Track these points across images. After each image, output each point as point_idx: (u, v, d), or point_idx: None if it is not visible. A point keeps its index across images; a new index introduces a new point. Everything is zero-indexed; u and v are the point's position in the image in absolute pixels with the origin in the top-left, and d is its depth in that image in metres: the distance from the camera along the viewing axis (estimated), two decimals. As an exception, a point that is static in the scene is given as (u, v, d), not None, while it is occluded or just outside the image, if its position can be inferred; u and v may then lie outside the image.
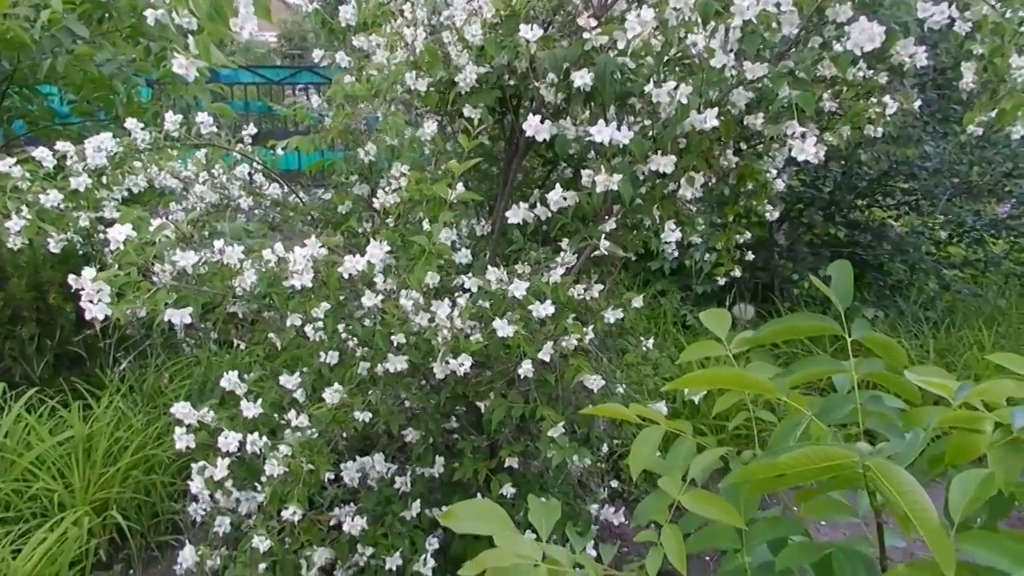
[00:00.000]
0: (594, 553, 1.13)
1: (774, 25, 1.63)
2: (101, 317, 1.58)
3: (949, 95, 4.49)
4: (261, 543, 1.86)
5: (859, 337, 1.14)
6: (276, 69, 9.41)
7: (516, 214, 1.94)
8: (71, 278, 1.61)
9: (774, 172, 2.48)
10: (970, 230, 5.01)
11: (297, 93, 8.09)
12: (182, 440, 1.97)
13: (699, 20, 1.73)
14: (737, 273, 2.69)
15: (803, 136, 1.66)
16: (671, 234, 1.98)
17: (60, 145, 2.10)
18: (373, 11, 2.21)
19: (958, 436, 1.00)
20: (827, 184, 4.94)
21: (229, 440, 1.89)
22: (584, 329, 1.95)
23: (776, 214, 2.64)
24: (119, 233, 1.60)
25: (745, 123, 1.85)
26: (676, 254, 2.61)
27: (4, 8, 2.95)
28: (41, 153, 2.08)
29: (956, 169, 4.75)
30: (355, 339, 1.98)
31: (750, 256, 2.75)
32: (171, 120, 2.23)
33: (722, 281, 2.77)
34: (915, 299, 4.67)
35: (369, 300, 1.87)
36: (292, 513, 1.83)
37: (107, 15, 3.70)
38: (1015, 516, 1.31)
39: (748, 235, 2.65)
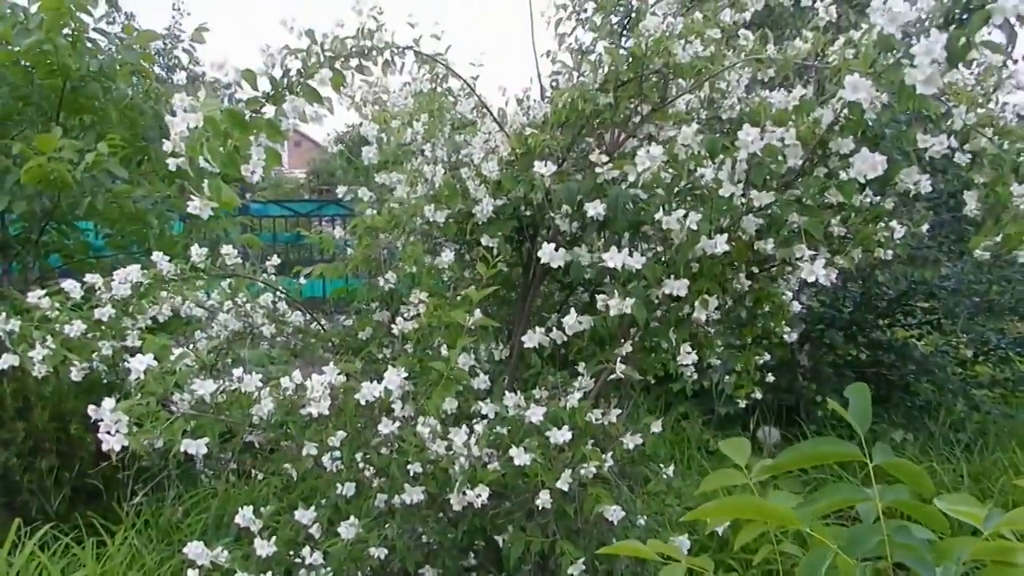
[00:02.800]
0: None
1: (780, 157, 1.69)
2: (118, 448, 1.59)
3: (963, 216, 4.54)
4: None
5: (881, 463, 1.12)
6: (304, 203, 9.79)
7: (532, 339, 1.96)
8: (91, 409, 1.62)
9: (790, 294, 2.49)
10: (995, 348, 4.94)
11: (323, 224, 8.37)
12: (194, 585, 1.91)
13: (707, 154, 1.80)
14: (759, 395, 2.66)
15: (812, 259, 1.69)
16: (687, 357, 1.98)
17: (89, 277, 2.18)
18: (394, 151, 2.32)
19: (992, 570, 0.96)
20: (847, 304, 4.94)
21: (243, 583, 1.84)
22: (603, 456, 1.91)
23: (794, 335, 2.64)
24: (140, 363, 1.63)
25: (756, 248, 1.89)
26: (695, 376, 2.59)
27: (50, 150, 3.14)
28: (69, 286, 2.15)
29: (975, 288, 4.74)
30: (372, 469, 1.96)
31: (772, 378, 2.72)
32: (197, 253, 2.31)
33: (744, 403, 2.73)
34: (944, 420, 4.56)
35: (386, 427, 1.86)
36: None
37: (146, 157, 3.92)
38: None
39: (768, 357, 2.64)
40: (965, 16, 1.30)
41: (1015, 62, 1.57)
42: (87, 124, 3.78)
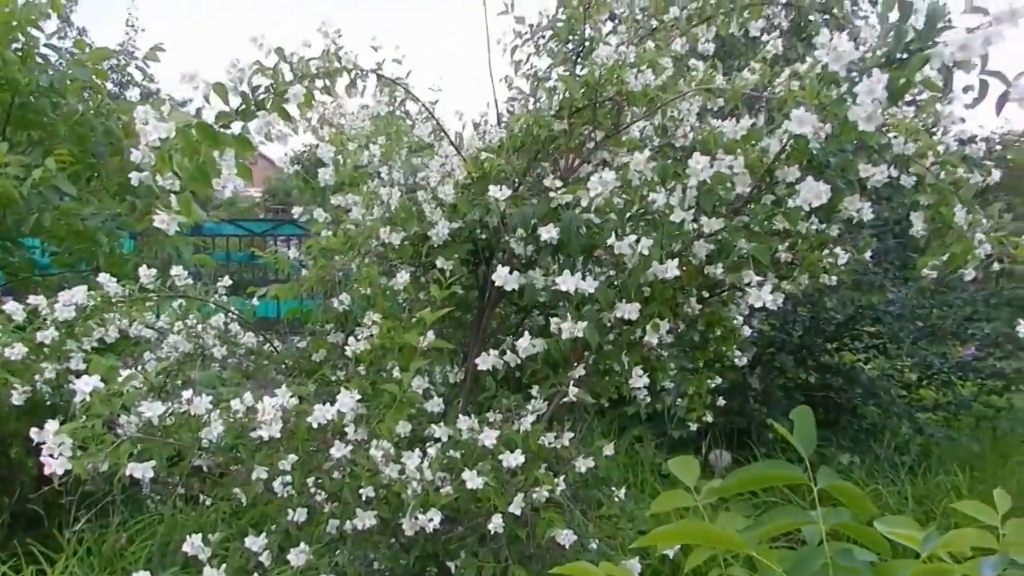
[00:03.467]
0: None
1: (728, 185, 1.74)
2: (61, 472, 1.54)
3: (907, 243, 4.70)
4: None
5: (825, 485, 1.14)
6: (259, 222, 9.66)
7: (486, 361, 1.97)
8: (33, 431, 1.58)
9: (741, 319, 2.54)
10: (938, 372, 5.09)
11: (279, 244, 8.27)
12: (140, 616, 1.85)
13: (659, 180, 1.84)
14: (711, 418, 2.70)
15: (760, 284, 1.73)
16: (638, 380, 2.01)
17: (33, 299, 2.12)
18: (350, 173, 2.32)
19: (929, 590, 0.98)
20: (796, 328, 5.05)
21: (188, 612, 1.80)
22: (555, 479, 1.92)
23: (745, 359, 2.69)
24: (86, 384, 1.60)
25: (707, 272, 1.92)
26: (648, 400, 2.62)
27: (-2, 162, 3.06)
28: (11, 308, 2.10)
29: (918, 313, 4.89)
30: (324, 493, 1.94)
31: (723, 402, 2.76)
32: (146, 274, 2.27)
33: (696, 427, 2.77)
34: (889, 443, 4.67)
35: (338, 451, 1.84)
36: None
37: (96, 174, 3.84)
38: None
39: (719, 380, 2.68)
40: (905, 56, 1.36)
41: (951, 98, 1.63)
42: (35, 139, 3.70)
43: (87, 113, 3.71)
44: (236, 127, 1.60)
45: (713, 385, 2.64)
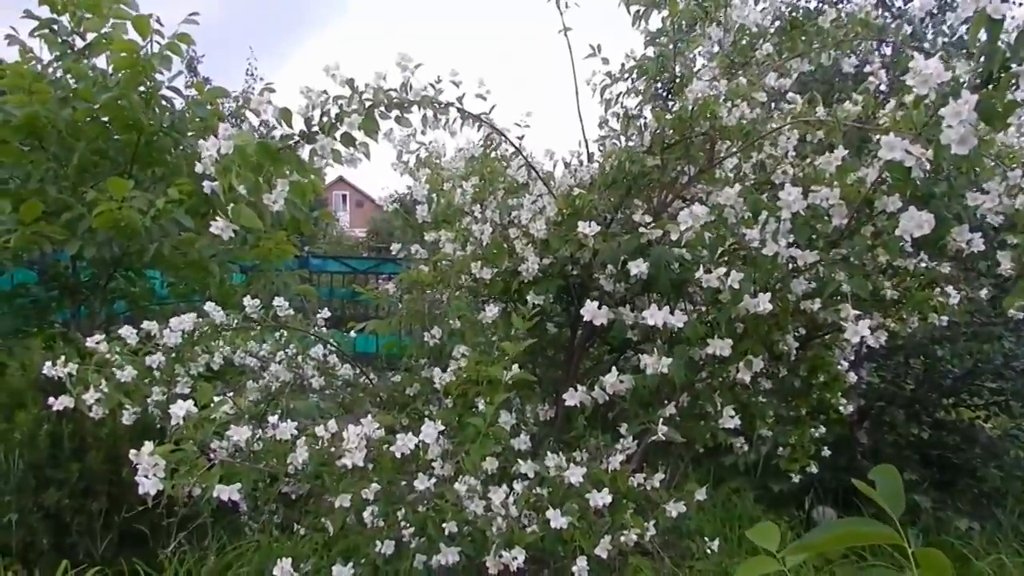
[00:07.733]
0: None
1: (825, 217, 1.66)
2: (153, 492, 1.60)
3: (1032, 293, 4.35)
4: None
5: (913, 551, 1.05)
6: (362, 260, 9.99)
7: (573, 397, 1.93)
8: (131, 453, 1.65)
9: (845, 364, 2.41)
10: (1068, 436, 4.65)
11: (380, 281, 8.51)
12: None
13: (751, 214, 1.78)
14: (815, 470, 2.56)
15: (857, 319, 1.64)
16: (729, 420, 1.92)
17: (146, 324, 2.24)
18: (444, 210, 2.36)
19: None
20: (909, 381, 4.74)
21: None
22: (645, 524, 1.85)
23: (850, 408, 2.54)
24: (180, 409, 1.66)
25: (803, 308, 1.84)
26: (746, 448, 2.51)
27: (121, 195, 3.28)
28: (126, 331, 2.22)
29: (1042, 370, 4.50)
30: (410, 526, 1.93)
31: (827, 453, 2.61)
32: (250, 304, 2.37)
33: (797, 479, 2.63)
34: (1013, 509, 4.28)
35: (422, 483, 1.84)
36: None
37: (211, 210, 4.07)
38: None
39: (823, 430, 2.54)
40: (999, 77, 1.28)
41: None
42: (158, 176, 3.96)
43: (204, 152, 3.94)
44: (306, 150, 1.70)
45: (816, 434, 2.51)
